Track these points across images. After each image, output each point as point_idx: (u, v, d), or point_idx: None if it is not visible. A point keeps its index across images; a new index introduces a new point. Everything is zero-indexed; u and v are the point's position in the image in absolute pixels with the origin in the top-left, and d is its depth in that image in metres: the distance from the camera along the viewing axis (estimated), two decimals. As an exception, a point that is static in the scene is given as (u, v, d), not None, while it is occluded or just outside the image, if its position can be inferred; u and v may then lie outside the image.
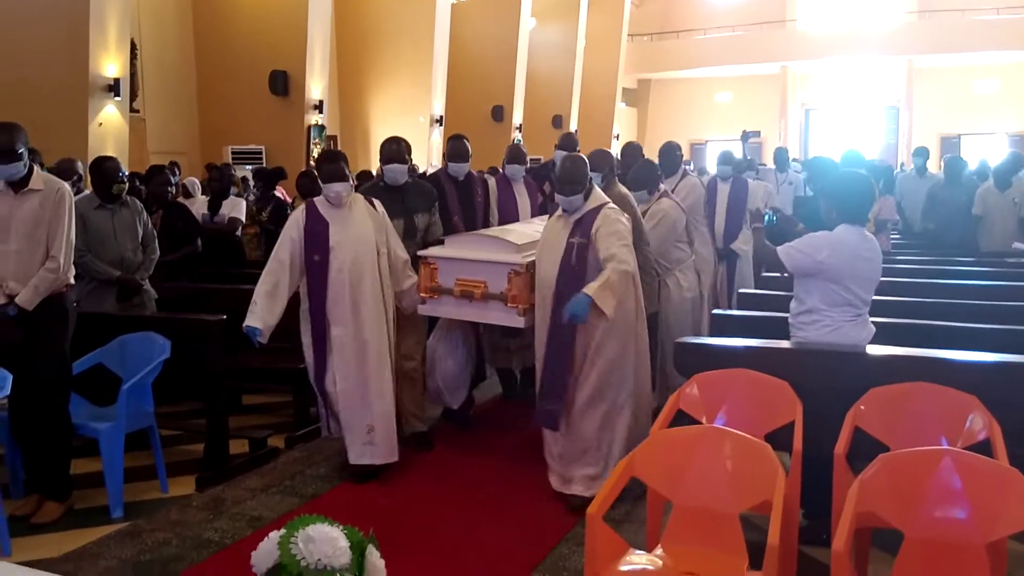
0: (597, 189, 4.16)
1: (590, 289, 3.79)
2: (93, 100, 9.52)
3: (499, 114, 18.28)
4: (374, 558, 1.89)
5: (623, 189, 4.84)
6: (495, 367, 5.83)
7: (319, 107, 12.77)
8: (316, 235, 4.32)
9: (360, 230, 4.36)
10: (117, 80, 9.72)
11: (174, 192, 6.46)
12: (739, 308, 5.11)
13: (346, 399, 4.35)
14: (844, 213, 3.71)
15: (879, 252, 3.78)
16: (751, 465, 2.67)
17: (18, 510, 4.01)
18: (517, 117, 18.76)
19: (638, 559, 2.67)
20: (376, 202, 4.54)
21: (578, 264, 3.96)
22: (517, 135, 18.73)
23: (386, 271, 4.44)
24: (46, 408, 3.98)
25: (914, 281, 5.72)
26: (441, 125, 15.82)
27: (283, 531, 1.89)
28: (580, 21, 21.14)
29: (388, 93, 15.54)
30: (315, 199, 4.45)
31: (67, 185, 4.14)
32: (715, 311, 4.96)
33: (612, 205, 4.10)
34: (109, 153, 9.54)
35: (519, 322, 4.32)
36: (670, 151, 6.29)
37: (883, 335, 3.82)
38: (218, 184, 7.28)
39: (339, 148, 15.08)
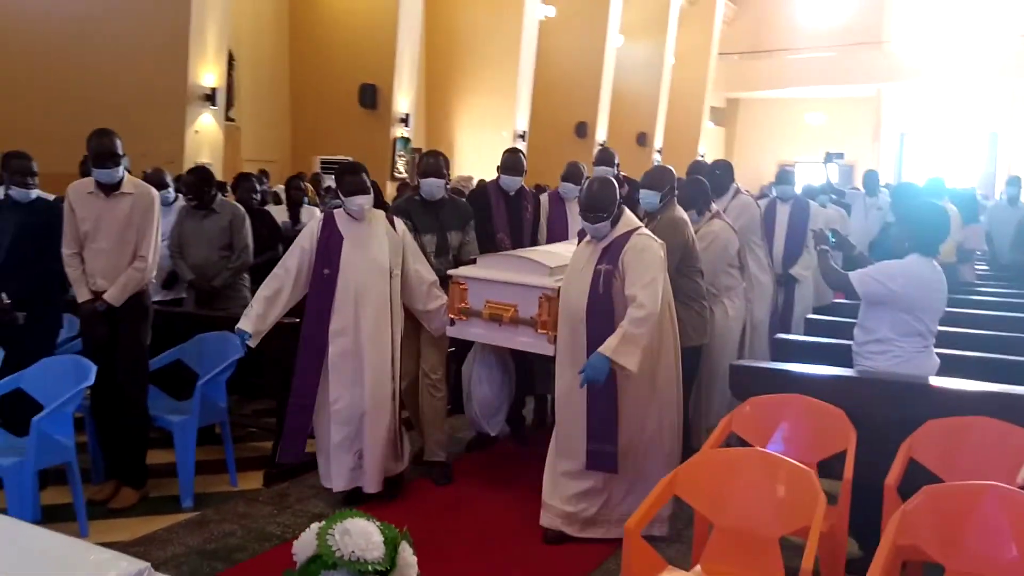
0: (628, 213, 3.91)
1: (607, 348, 3.56)
2: (191, 108, 9.95)
3: (583, 130, 18.33)
4: (407, 554, 1.99)
5: (679, 212, 4.52)
6: (543, 393, 5.53)
7: (405, 120, 13.07)
8: (329, 248, 4.20)
9: (374, 250, 4.22)
10: (214, 90, 10.14)
11: (259, 199, 6.71)
12: (805, 333, 5.05)
13: (339, 421, 4.19)
14: (917, 243, 3.68)
15: (945, 283, 3.72)
16: (793, 490, 2.68)
17: (97, 495, 4.25)
18: (601, 134, 18.79)
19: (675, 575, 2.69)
20: (398, 221, 4.40)
21: (605, 292, 3.74)
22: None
23: (396, 294, 4.28)
24: (126, 400, 4.22)
25: (993, 314, 5.55)
26: (524, 140, 15.98)
27: (323, 523, 2.00)
28: (669, 38, 21.07)
29: (473, 107, 15.79)
30: (335, 211, 4.34)
31: (155, 190, 4.39)
32: (778, 335, 4.85)
33: (644, 231, 3.85)
34: (204, 160, 10.03)
35: (549, 350, 4.09)
36: (721, 169, 5.80)
37: (951, 367, 3.76)
38: (296, 193, 7.54)
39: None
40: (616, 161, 5.92)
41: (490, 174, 5.65)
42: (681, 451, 3.96)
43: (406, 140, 13.20)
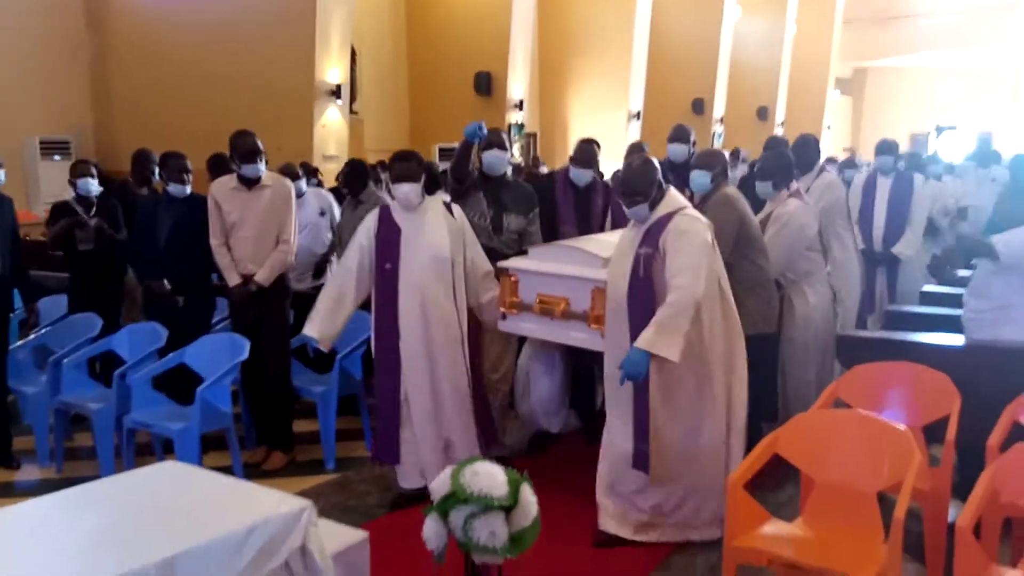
0: (671, 193, 3.62)
1: (644, 340, 3.32)
2: (318, 104, 10.52)
3: (699, 107, 18.16)
4: (527, 493, 2.28)
5: (729, 191, 4.21)
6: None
7: (519, 106, 13.36)
8: (388, 242, 4.05)
9: (434, 238, 4.04)
10: (339, 85, 10.68)
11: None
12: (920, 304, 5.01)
13: (419, 414, 4.05)
14: None
15: None
16: (888, 448, 2.81)
17: (251, 458, 4.72)
18: (719, 110, 18.59)
19: (777, 527, 2.87)
20: (456, 208, 4.23)
21: (646, 276, 3.50)
22: (718, 128, 18.59)
23: (460, 282, 4.10)
24: (273, 373, 4.67)
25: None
26: (639, 119, 16.02)
27: (455, 467, 2.30)
28: (789, 8, 20.56)
29: (587, 89, 15.92)
30: (391, 203, 4.24)
31: (290, 181, 4.84)
32: (889, 308, 4.72)
33: (688, 211, 3.58)
34: (331, 152, 10.61)
35: (602, 346, 3.79)
36: (804, 144, 5.40)
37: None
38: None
39: (538, 145, 15.67)
40: (692, 138, 5.54)
41: (604, 156, 5.50)
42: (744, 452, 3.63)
43: (520, 126, 13.50)
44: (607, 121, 15.24)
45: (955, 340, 3.79)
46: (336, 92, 10.66)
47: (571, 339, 4.02)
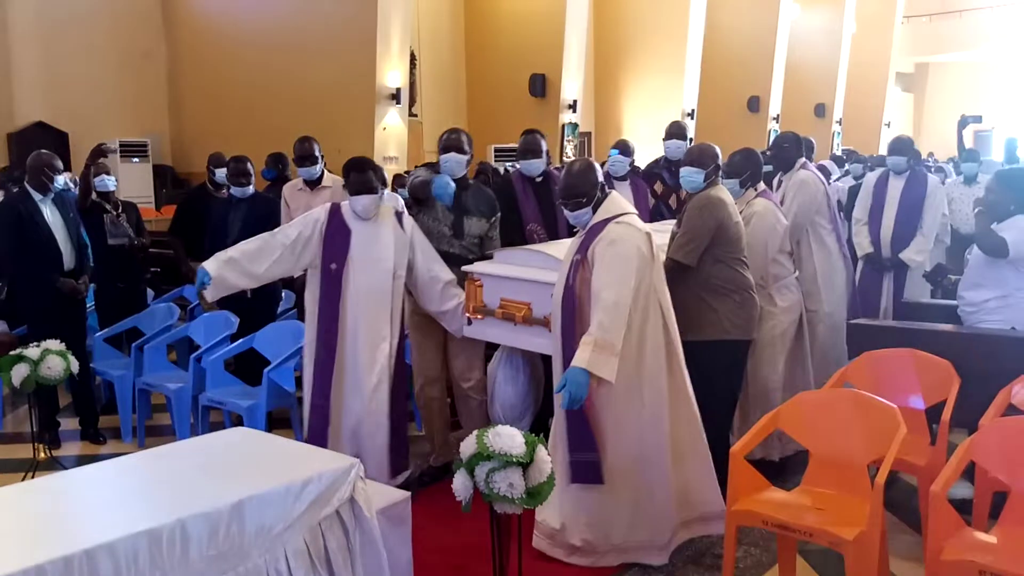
0: (611, 198, 3.51)
1: (582, 360, 3.21)
2: (379, 107, 11.02)
3: (755, 105, 18.23)
4: (542, 453, 2.65)
5: (718, 193, 3.99)
6: None
7: (573, 106, 13.70)
8: (336, 242, 4.02)
9: (380, 250, 4.02)
10: (399, 89, 11.16)
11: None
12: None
13: (337, 428, 4.02)
14: (1019, 203, 3.96)
15: None
16: (878, 423, 3.09)
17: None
18: (775, 107, 18.62)
19: (774, 494, 3.18)
20: (407, 218, 4.18)
21: (572, 283, 3.43)
22: (774, 125, 18.62)
23: (398, 297, 4.07)
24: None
25: None
26: (693, 118, 16.20)
27: (480, 431, 2.68)
28: (848, 5, 20.46)
29: (641, 88, 16.17)
30: (342, 204, 4.15)
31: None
32: (860, 322, 4.45)
33: (625, 219, 3.43)
34: (391, 154, 11.09)
35: None
36: (783, 143, 5.11)
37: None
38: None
39: (593, 144, 15.97)
40: (689, 135, 5.39)
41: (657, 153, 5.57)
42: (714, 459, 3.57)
43: (574, 126, 13.84)
44: (661, 120, 15.35)
45: (957, 329, 4.03)
46: (396, 96, 11.14)
47: (533, 344, 3.94)
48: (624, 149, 5.42)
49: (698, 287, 3.82)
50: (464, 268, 4.16)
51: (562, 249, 3.86)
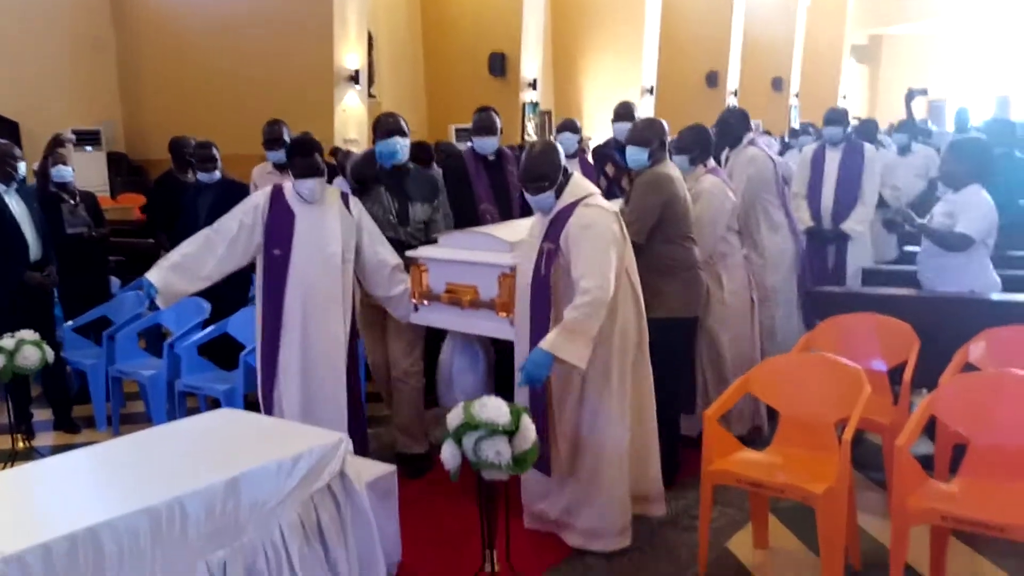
0: (575, 179, 3.45)
1: (548, 343, 3.15)
2: (338, 89, 10.93)
3: (714, 80, 18.36)
4: (527, 422, 2.74)
5: (666, 169, 3.95)
6: None
7: (533, 85, 13.73)
8: (280, 227, 3.88)
9: (326, 234, 3.90)
10: (357, 71, 11.09)
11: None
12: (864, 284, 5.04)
13: (290, 415, 3.87)
14: (976, 175, 4.12)
15: None
16: (843, 384, 3.23)
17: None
18: (732, 82, 18.80)
19: (747, 454, 3.31)
20: (354, 201, 4.06)
21: (547, 273, 3.35)
22: (732, 100, 18.81)
23: (349, 282, 3.98)
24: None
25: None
26: (652, 95, 16.32)
27: (465, 402, 2.76)
28: (802, -25, 20.68)
29: (600, 66, 16.23)
30: (283, 186, 4.02)
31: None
32: (823, 289, 4.59)
33: (593, 200, 3.37)
34: (351, 136, 11.04)
35: (511, 333, 3.65)
36: (729, 118, 5.14)
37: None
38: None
39: (553, 123, 16.04)
40: (638, 114, 5.33)
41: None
42: (661, 444, 3.64)
43: (535, 104, 13.88)
44: (620, 97, 15.43)
45: (916, 293, 4.19)
46: (355, 77, 11.07)
47: (481, 328, 3.90)
48: (572, 128, 5.43)
49: (645, 266, 3.73)
50: (408, 253, 4.07)
51: (511, 231, 3.84)
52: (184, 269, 3.83)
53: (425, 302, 4.01)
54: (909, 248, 5.51)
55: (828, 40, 22.31)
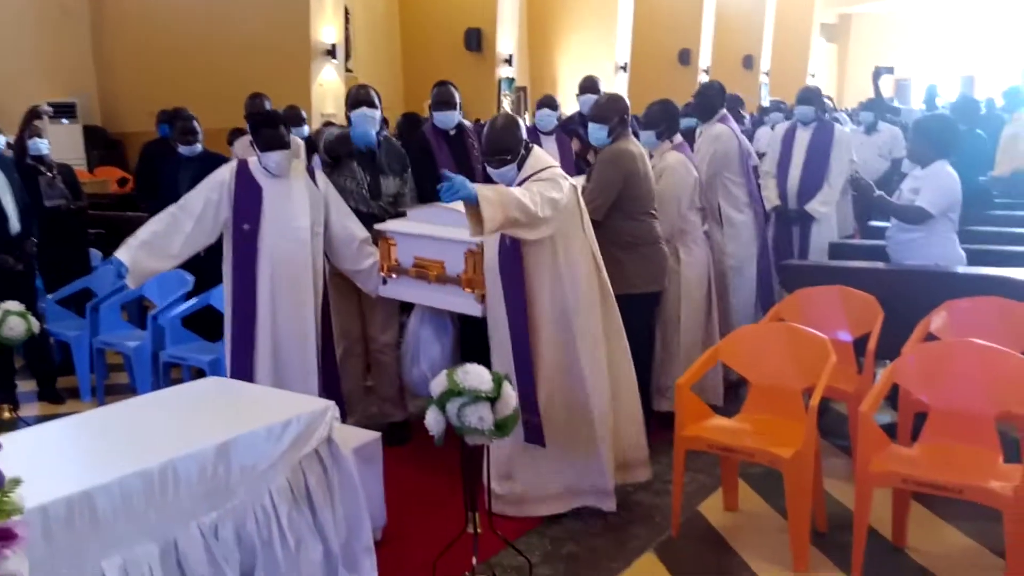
0: (535, 153, 3.46)
1: (480, 189, 3.09)
2: (315, 63, 10.91)
3: (686, 57, 18.47)
4: (508, 389, 2.84)
5: (627, 145, 3.98)
6: None
7: (509, 60, 13.76)
8: (247, 201, 3.84)
9: (294, 207, 3.89)
10: (334, 45, 11.07)
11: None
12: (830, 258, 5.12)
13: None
14: (942, 152, 4.25)
15: None
16: (809, 353, 3.37)
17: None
18: (705, 60, 18.91)
19: (718, 421, 3.45)
20: (319, 174, 4.07)
21: (512, 245, 3.38)
22: (704, 78, 18.94)
23: (318, 256, 3.97)
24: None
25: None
26: (626, 71, 16.40)
27: (449, 369, 2.86)
28: (773, -48, 20.79)
29: (574, 42, 16.28)
30: (248, 160, 3.97)
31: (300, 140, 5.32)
32: (792, 262, 4.66)
33: (549, 173, 3.37)
34: (328, 111, 11.03)
35: (477, 310, 3.71)
36: (706, 91, 5.20)
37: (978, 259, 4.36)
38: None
39: (529, 99, 16.09)
40: (600, 90, 5.45)
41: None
42: (643, 411, 3.71)
43: (511, 80, 13.91)
44: (594, 73, 15.57)
45: (882, 266, 4.34)
46: (331, 51, 11.04)
47: (447, 303, 3.93)
48: (551, 104, 5.50)
49: (605, 242, 3.75)
50: (377, 227, 4.09)
51: None
52: (153, 247, 3.80)
53: (393, 275, 4.05)
54: (876, 223, 5.59)
55: (798, 19, 22.47)
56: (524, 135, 3.44)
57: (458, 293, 3.79)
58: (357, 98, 4.24)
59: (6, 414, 4.41)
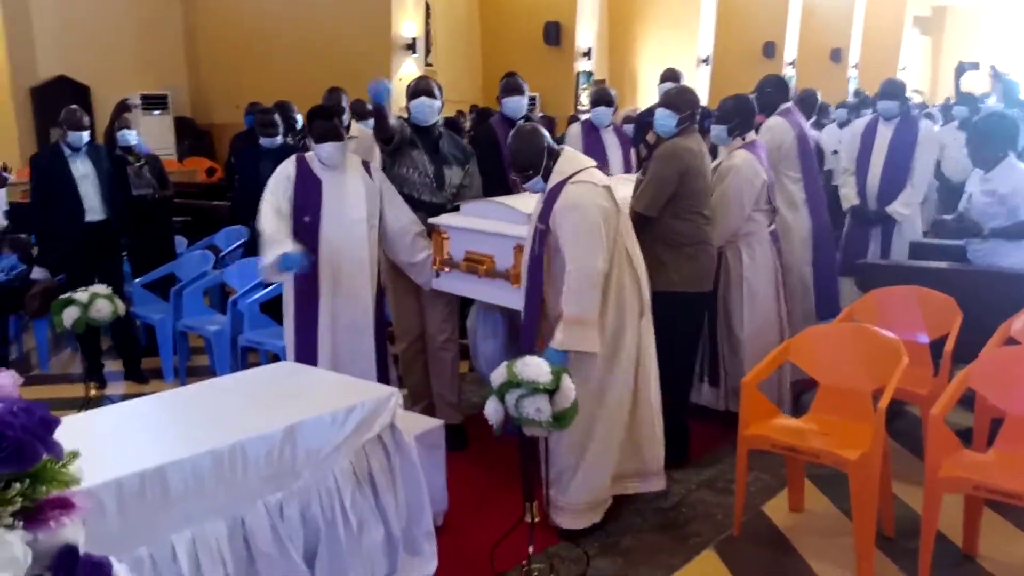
0: (564, 156, 3.39)
1: (556, 341, 3.19)
2: (395, 58, 11.10)
3: (770, 50, 18.07)
4: (567, 382, 2.86)
5: (689, 142, 3.85)
6: None
7: (587, 54, 13.74)
8: (308, 194, 3.93)
9: (354, 199, 3.95)
10: (415, 39, 11.23)
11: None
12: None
13: None
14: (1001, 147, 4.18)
15: None
16: (880, 354, 3.29)
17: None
18: (790, 53, 18.50)
19: (783, 420, 3.40)
20: (374, 169, 4.10)
21: (540, 253, 3.36)
22: (789, 71, 18.51)
23: (374, 248, 4.02)
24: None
25: None
26: (708, 64, 16.16)
27: (509, 361, 2.90)
28: (865, -55, 20.22)
29: (655, 35, 16.11)
30: (306, 155, 4.06)
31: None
32: (869, 262, 4.43)
33: (581, 177, 3.31)
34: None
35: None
36: (767, 85, 4.98)
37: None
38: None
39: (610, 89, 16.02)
40: (682, 81, 5.40)
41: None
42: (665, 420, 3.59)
43: (589, 74, 13.87)
44: (675, 67, 15.41)
45: (961, 266, 4.20)
46: (411, 46, 11.21)
47: (496, 298, 3.93)
48: (607, 101, 5.49)
49: (652, 238, 3.74)
50: (430, 220, 4.10)
51: (529, 202, 3.72)
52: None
53: (446, 269, 4.06)
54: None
55: (889, 11, 21.75)
56: (547, 143, 3.39)
57: (506, 287, 3.79)
58: (417, 88, 4.26)
59: (93, 392, 4.61)
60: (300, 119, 6.15)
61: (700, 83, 15.61)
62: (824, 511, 3.62)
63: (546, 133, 3.45)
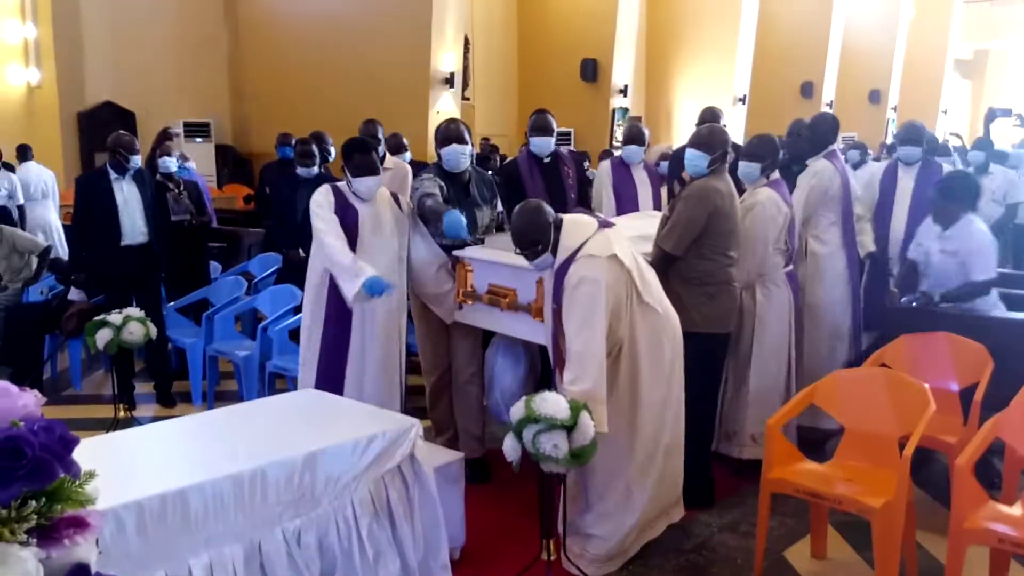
0: (566, 229, 3.33)
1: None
2: (433, 91, 11.22)
3: (808, 90, 18.06)
4: (585, 419, 2.86)
5: (716, 183, 3.85)
6: None
7: (624, 91, 13.81)
8: (346, 224, 3.96)
9: (385, 230, 4.03)
10: (453, 73, 11.36)
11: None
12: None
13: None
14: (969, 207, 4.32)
15: None
16: (909, 401, 3.25)
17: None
18: (828, 93, 18.45)
19: (808, 465, 3.36)
20: (403, 199, 4.16)
21: (555, 331, 3.38)
22: (826, 112, 18.45)
23: (403, 279, 4.10)
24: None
25: None
26: (744, 103, 16.16)
27: (527, 397, 2.90)
28: (906, -11, 20.18)
29: (692, 73, 16.18)
30: (338, 184, 4.12)
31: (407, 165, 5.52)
32: (897, 306, 4.27)
33: (587, 250, 3.25)
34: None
35: (545, 339, 3.67)
36: (819, 124, 4.93)
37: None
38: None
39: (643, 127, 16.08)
40: (721, 121, 5.32)
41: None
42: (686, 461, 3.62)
43: (625, 110, 13.95)
44: (712, 105, 15.43)
45: (992, 314, 4.15)
46: (450, 80, 11.33)
47: (517, 331, 3.93)
48: (640, 139, 5.53)
49: (674, 277, 3.76)
50: (455, 252, 4.08)
51: None
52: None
53: (469, 301, 4.06)
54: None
55: (930, 53, 21.68)
56: (551, 217, 3.35)
57: (528, 321, 3.80)
58: (447, 134, 4.17)
59: (121, 413, 4.68)
60: (333, 150, 6.25)
61: (735, 122, 15.60)
62: (847, 559, 3.56)
63: (549, 208, 3.41)
